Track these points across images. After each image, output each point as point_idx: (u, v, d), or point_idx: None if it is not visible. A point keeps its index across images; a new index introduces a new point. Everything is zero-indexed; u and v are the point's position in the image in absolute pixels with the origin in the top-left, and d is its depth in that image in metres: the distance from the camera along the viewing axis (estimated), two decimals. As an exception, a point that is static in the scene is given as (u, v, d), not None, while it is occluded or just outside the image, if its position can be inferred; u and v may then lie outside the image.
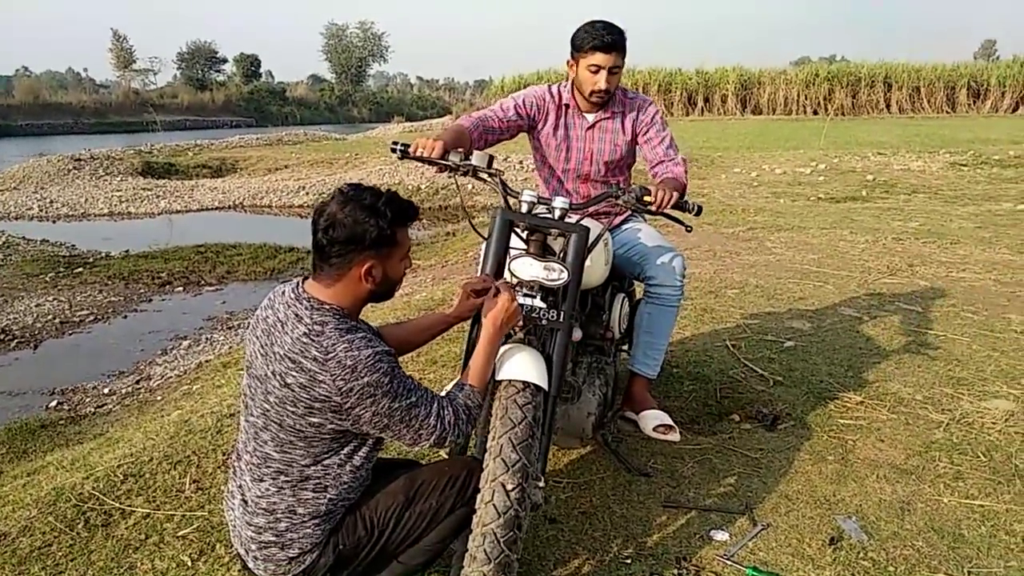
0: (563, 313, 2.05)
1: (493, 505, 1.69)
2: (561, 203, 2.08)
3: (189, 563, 2.23)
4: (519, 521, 1.71)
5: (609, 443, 2.84)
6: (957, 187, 10.25)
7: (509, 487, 1.70)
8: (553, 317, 2.05)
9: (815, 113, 30.04)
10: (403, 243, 1.73)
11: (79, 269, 7.79)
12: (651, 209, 2.25)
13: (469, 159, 2.18)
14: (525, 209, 2.11)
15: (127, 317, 6.36)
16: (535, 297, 2.06)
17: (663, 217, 2.31)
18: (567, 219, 2.11)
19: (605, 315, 2.73)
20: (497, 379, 1.90)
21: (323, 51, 64.40)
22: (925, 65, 31.33)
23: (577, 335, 2.50)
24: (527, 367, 1.90)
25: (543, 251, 2.09)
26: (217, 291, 7.19)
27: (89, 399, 4.61)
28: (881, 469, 2.71)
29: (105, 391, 4.71)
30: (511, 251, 2.10)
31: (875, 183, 10.76)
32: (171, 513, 2.49)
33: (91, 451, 3.24)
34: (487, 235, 2.15)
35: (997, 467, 2.72)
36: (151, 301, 6.83)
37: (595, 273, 2.44)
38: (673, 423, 2.90)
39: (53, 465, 3.10)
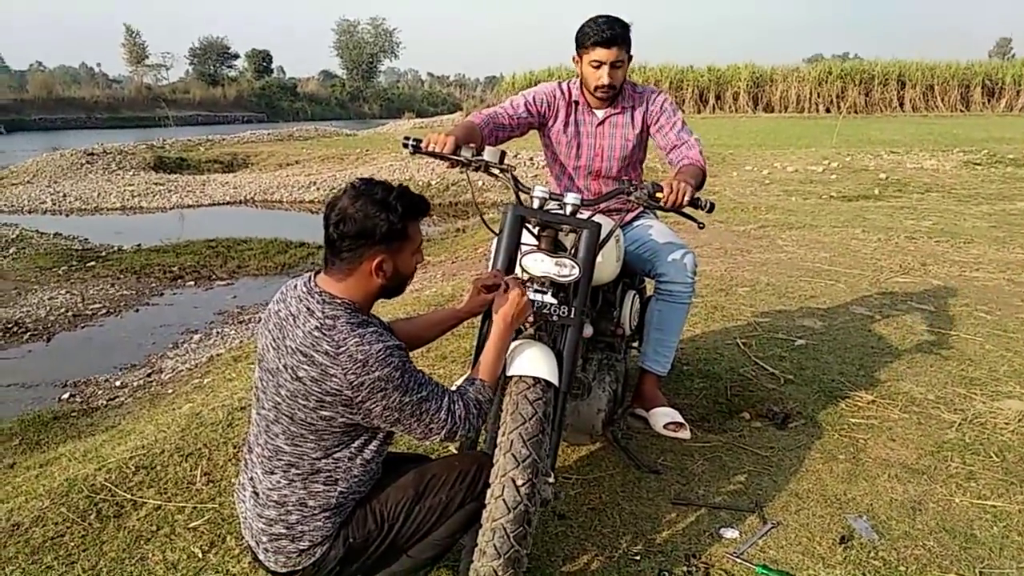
0: (574, 309, 2.05)
1: (503, 500, 1.70)
2: (573, 199, 2.08)
3: (200, 555, 2.24)
4: (529, 516, 1.71)
5: (619, 440, 2.84)
6: (971, 186, 10.17)
7: (519, 482, 1.70)
8: (564, 313, 2.04)
9: (828, 111, 29.84)
10: (414, 238, 1.74)
11: (91, 263, 7.85)
12: (663, 206, 2.24)
13: (481, 155, 2.18)
14: (537, 205, 2.11)
15: (139, 311, 6.40)
16: (546, 293, 2.06)
17: (675, 214, 2.30)
18: (579, 215, 2.11)
19: (616, 312, 2.72)
20: (508, 375, 1.90)
21: (334, 47, 64.74)
22: (939, 63, 31.04)
23: (588, 331, 2.50)
24: (538, 363, 1.90)
25: (554, 247, 2.09)
26: (228, 285, 7.22)
27: (101, 392, 4.64)
28: (892, 468, 2.69)
29: (117, 384, 4.75)
30: (522, 247, 2.09)
31: (888, 182, 10.68)
32: (182, 505, 2.50)
33: (103, 443, 3.26)
34: (498, 230, 2.15)
35: (1010, 467, 2.70)
36: (163, 295, 6.87)
37: (606, 269, 2.44)
38: (683, 420, 2.90)
39: (66, 456, 3.13)
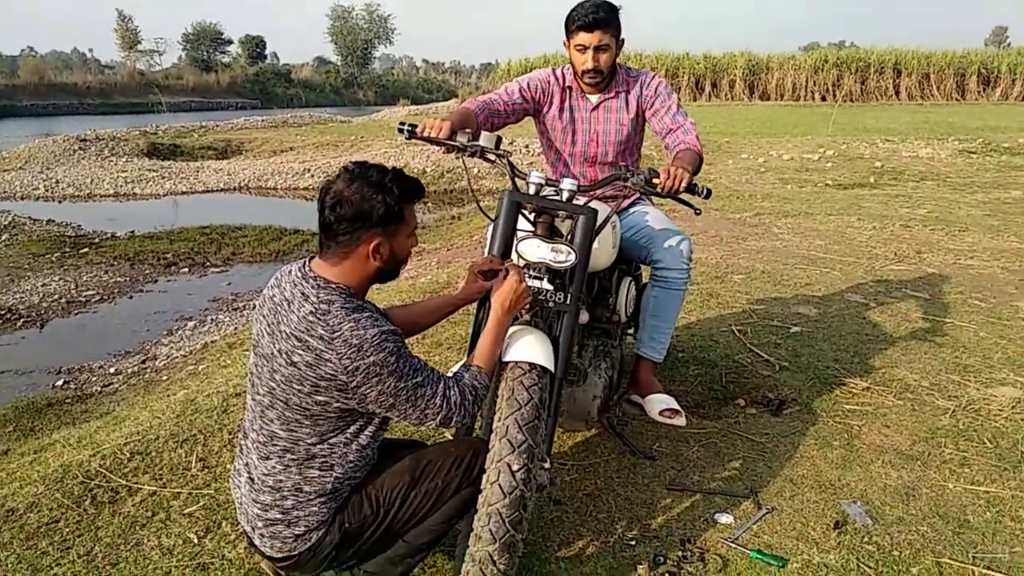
0: (570, 295, 2.04)
1: (499, 485, 1.69)
2: (569, 185, 2.07)
3: (195, 540, 2.24)
4: (524, 502, 1.71)
5: (614, 426, 2.84)
6: (966, 174, 10.18)
7: (515, 468, 1.70)
8: (560, 299, 2.04)
9: (823, 99, 29.84)
10: (410, 220, 1.73)
11: (85, 249, 7.80)
12: (660, 192, 2.23)
13: (477, 140, 2.17)
14: (533, 191, 2.10)
15: (132, 298, 6.37)
16: (542, 279, 2.05)
17: (672, 200, 2.29)
18: (575, 201, 2.10)
19: (612, 298, 2.72)
20: (504, 360, 1.90)
21: (329, 33, 64.23)
22: (935, 52, 31.06)
23: (584, 318, 2.50)
24: (534, 349, 1.90)
25: (551, 233, 2.08)
26: (222, 272, 7.19)
27: (95, 378, 4.63)
28: (886, 454, 2.70)
29: (111, 371, 4.73)
30: (518, 233, 2.09)
31: (883, 170, 10.69)
32: (177, 491, 2.50)
33: (98, 429, 3.26)
34: (494, 216, 2.14)
35: (1003, 454, 2.71)
36: (156, 282, 6.84)
37: (602, 256, 2.43)
38: (679, 407, 2.90)
39: (60, 443, 3.13)
